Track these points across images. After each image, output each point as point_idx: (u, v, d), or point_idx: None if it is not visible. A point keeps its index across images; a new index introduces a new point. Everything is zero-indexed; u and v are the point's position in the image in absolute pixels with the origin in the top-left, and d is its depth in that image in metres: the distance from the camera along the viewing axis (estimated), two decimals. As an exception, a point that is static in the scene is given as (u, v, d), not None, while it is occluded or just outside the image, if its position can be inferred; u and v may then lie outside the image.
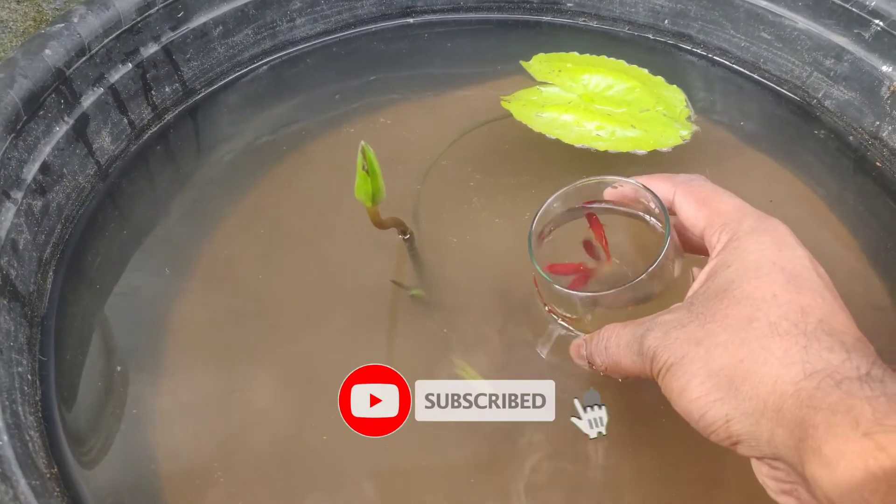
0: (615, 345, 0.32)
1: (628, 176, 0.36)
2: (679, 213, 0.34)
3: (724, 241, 0.31)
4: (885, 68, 0.47)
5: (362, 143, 0.33)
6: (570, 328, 0.38)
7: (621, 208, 0.37)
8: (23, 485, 0.30)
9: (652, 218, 0.36)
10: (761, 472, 0.28)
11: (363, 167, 0.34)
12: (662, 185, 0.35)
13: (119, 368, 0.39)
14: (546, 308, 0.38)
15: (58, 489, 0.33)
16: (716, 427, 0.27)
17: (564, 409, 0.35)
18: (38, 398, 0.36)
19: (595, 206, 0.38)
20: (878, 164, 0.48)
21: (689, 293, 0.32)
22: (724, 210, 0.32)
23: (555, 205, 0.37)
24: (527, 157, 0.47)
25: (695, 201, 0.34)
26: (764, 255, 0.29)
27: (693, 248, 0.35)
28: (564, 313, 0.38)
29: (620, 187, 0.36)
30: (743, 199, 0.33)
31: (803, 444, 0.24)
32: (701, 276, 0.31)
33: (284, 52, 0.55)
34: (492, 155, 0.48)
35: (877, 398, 0.23)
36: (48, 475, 0.33)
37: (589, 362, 0.34)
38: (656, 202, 0.34)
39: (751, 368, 0.26)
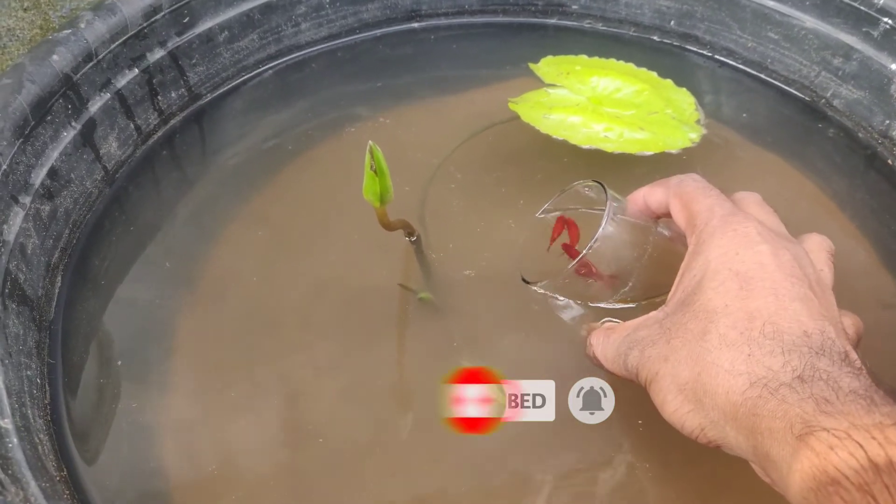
0: (602, 356, 0.34)
1: (636, 176, 0.36)
2: (673, 217, 0.35)
3: (693, 245, 0.32)
4: (894, 66, 0.47)
5: (370, 142, 0.33)
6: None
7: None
8: (33, 487, 0.29)
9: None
10: (754, 468, 0.29)
11: (371, 167, 0.34)
12: (659, 192, 0.35)
13: (125, 371, 0.38)
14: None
15: (67, 492, 0.33)
16: (696, 434, 0.29)
17: (565, 409, 0.35)
18: (46, 401, 0.36)
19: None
20: (889, 161, 0.48)
21: (669, 297, 0.32)
22: (698, 211, 0.32)
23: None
24: (534, 159, 0.47)
25: (680, 204, 0.34)
26: (721, 262, 0.30)
27: None
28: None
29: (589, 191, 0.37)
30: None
31: (757, 449, 0.26)
32: (677, 279, 0.32)
33: (290, 57, 0.55)
34: (499, 157, 0.48)
35: (804, 401, 0.24)
36: (58, 478, 0.33)
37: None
38: (603, 196, 0.34)
39: (707, 381, 0.27)
